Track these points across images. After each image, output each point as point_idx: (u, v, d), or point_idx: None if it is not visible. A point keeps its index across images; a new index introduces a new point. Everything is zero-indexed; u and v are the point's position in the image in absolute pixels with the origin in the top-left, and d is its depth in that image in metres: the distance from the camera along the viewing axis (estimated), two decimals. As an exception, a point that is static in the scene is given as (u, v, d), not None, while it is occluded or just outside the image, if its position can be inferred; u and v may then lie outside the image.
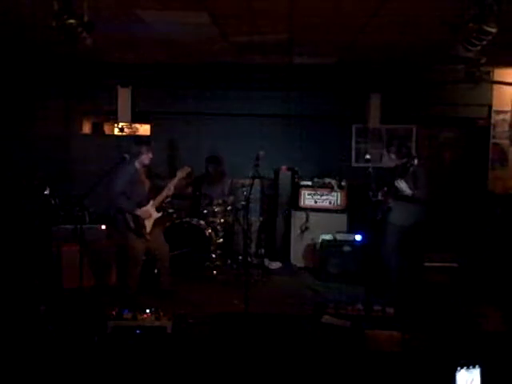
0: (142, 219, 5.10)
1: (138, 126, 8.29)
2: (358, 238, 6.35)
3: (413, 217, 5.32)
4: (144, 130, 8.27)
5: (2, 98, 7.38)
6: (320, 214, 6.88)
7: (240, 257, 6.58)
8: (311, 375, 3.65)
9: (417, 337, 4.11)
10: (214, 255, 6.31)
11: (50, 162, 7.14)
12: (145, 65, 7.35)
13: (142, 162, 5.16)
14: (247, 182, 6.14)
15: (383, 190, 5.36)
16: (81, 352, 3.89)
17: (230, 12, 4.60)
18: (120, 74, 7.48)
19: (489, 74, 6.86)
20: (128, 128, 8.22)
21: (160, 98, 7.58)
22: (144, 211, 5.10)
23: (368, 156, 5.71)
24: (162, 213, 5.33)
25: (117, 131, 8.37)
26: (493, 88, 7.18)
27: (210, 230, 6.30)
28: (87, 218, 6.30)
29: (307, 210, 6.93)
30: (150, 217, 5.16)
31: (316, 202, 6.96)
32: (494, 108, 7.27)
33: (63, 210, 6.22)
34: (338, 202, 6.93)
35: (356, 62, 6.92)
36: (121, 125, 8.18)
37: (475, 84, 5.83)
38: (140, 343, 4.03)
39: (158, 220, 5.26)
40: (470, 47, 3.77)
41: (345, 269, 6.22)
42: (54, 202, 6.20)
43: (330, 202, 6.95)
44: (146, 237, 5.16)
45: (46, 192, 6.11)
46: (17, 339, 4.07)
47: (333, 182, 6.95)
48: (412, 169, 5.06)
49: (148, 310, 4.25)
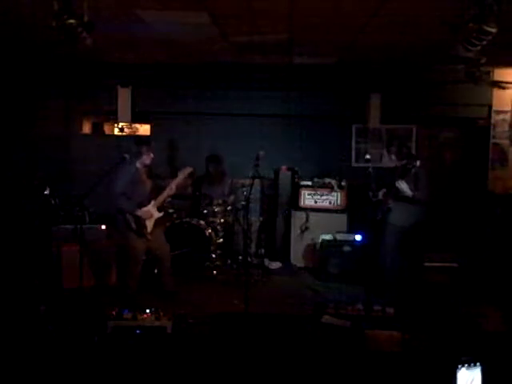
0: (143, 219, 5.09)
1: (138, 125, 8.28)
2: (358, 238, 6.35)
3: (413, 217, 5.33)
4: (144, 130, 8.27)
5: (2, 98, 7.37)
6: (320, 214, 6.88)
7: (240, 257, 6.57)
8: (311, 375, 3.65)
9: (417, 337, 4.11)
10: (214, 255, 6.31)
11: (50, 162, 7.13)
12: (145, 65, 7.34)
13: (143, 162, 5.15)
14: (247, 181, 6.14)
15: (383, 191, 5.36)
16: (81, 352, 3.89)
17: (230, 12, 4.59)
18: (120, 74, 7.48)
19: (489, 73, 6.84)
20: (128, 128, 8.22)
21: (160, 98, 7.58)
22: (145, 211, 5.10)
23: (368, 156, 5.73)
24: (163, 212, 5.33)
25: (117, 131, 8.36)
26: (493, 88, 7.18)
27: (210, 230, 6.30)
28: (87, 218, 6.29)
29: (307, 210, 6.93)
30: (151, 217, 5.15)
31: (316, 202, 6.96)
32: (494, 108, 7.26)
33: (63, 210, 6.22)
34: (338, 202, 6.93)
35: (356, 62, 6.92)
36: (121, 125, 8.17)
37: (475, 84, 5.83)
38: (140, 343, 4.03)
39: (159, 220, 5.25)
40: (470, 47, 3.77)
41: (345, 269, 6.22)
42: (53, 202, 6.20)
43: (330, 202, 6.95)
44: (147, 237, 5.15)
45: (46, 192, 6.11)
46: (17, 339, 4.07)
47: (333, 182, 6.95)
48: (414, 170, 5.06)
49: (148, 310, 4.24)
